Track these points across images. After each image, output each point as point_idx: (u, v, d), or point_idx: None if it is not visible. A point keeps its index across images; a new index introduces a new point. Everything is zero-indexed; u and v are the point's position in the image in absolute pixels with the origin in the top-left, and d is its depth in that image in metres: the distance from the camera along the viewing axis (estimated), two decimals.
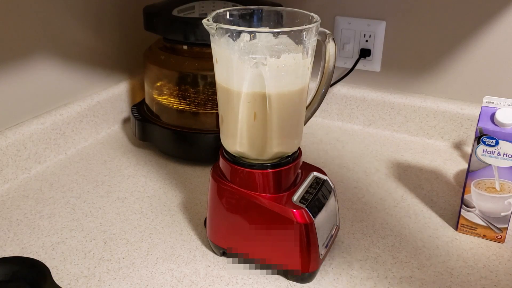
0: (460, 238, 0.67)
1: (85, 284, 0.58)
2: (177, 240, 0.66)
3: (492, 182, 0.63)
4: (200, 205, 0.74)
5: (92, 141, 0.93)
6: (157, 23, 0.82)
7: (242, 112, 0.54)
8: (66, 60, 0.88)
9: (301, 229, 0.55)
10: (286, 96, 0.54)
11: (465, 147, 0.92)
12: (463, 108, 0.91)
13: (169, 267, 0.61)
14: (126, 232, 0.68)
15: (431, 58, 0.93)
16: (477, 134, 0.62)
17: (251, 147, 0.56)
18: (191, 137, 0.83)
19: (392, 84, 0.99)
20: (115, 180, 0.80)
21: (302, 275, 0.58)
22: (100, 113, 0.95)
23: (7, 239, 0.66)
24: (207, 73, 0.83)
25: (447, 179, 0.82)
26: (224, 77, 0.55)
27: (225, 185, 0.58)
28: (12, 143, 0.77)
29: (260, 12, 0.59)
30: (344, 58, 1.00)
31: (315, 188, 0.60)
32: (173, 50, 0.85)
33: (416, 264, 0.62)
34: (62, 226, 0.69)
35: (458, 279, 0.59)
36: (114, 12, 0.97)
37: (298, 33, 0.52)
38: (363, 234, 0.68)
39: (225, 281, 0.59)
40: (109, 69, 0.99)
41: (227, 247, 0.61)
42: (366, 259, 0.63)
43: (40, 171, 0.82)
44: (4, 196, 0.75)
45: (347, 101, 1.00)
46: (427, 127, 0.95)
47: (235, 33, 0.52)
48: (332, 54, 0.59)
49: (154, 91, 0.89)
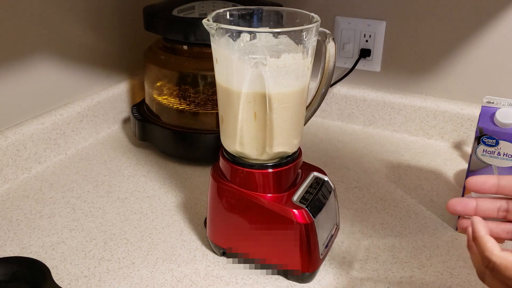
0: (460, 238, 0.67)
1: (85, 284, 0.58)
2: (177, 240, 0.66)
3: None
4: (200, 205, 0.74)
5: (92, 141, 0.93)
6: (157, 23, 0.82)
7: (242, 112, 0.54)
8: (66, 60, 0.88)
9: (301, 229, 0.55)
10: (286, 96, 0.54)
11: (465, 147, 0.92)
12: (463, 108, 0.91)
13: (169, 267, 0.61)
14: (126, 232, 0.68)
15: (431, 58, 0.93)
16: (477, 134, 0.62)
17: (251, 147, 0.56)
18: (191, 137, 0.83)
19: (392, 84, 0.99)
20: (115, 180, 0.80)
21: (302, 275, 0.58)
22: (100, 113, 0.95)
23: (7, 239, 0.66)
24: (207, 73, 0.83)
25: (447, 179, 0.82)
26: (224, 77, 0.55)
27: (225, 185, 0.58)
28: (12, 143, 0.77)
29: (260, 12, 0.59)
30: (344, 58, 1.00)
31: (315, 188, 0.60)
32: (173, 50, 0.85)
33: (416, 264, 0.62)
34: (62, 226, 0.69)
35: (458, 279, 0.59)
36: (114, 12, 0.97)
37: (298, 33, 0.52)
38: (363, 234, 0.68)
39: (225, 281, 0.59)
40: (109, 69, 0.99)
41: (227, 247, 0.61)
42: (366, 259, 0.63)
43: (40, 171, 0.82)
44: (4, 196, 0.75)
45: (347, 101, 1.00)
46: (427, 127, 0.95)
47: (235, 33, 0.52)
48: (332, 54, 0.59)
49: (154, 91, 0.89)
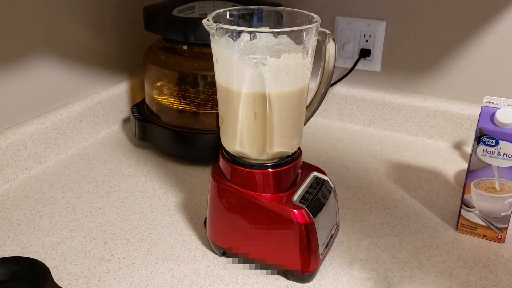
0: (460, 238, 0.67)
1: (85, 284, 0.58)
2: (177, 240, 0.66)
3: (492, 182, 0.63)
4: (200, 205, 0.74)
5: (92, 141, 0.93)
6: (157, 23, 0.82)
7: (242, 112, 0.54)
8: (66, 60, 0.88)
9: (301, 229, 0.55)
10: (286, 96, 0.54)
11: (465, 147, 0.92)
12: (463, 108, 0.91)
13: (169, 267, 0.61)
14: (126, 232, 0.68)
15: (431, 58, 0.93)
16: (477, 134, 0.62)
17: (251, 147, 0.56)
18: (191, 137, 0.83)
19: (392, 84, 0.99)
20: (115, 180, 0.80)
21: (302, 275, 0.58)
22: (100, 113, 0.95)
23: (7, 239, 0.66)
24: (207, 73, 0.83)
25: (447, 179, 0.82)
26: (224, 77, 0.55)
27: (225, 185, 0.58)
28: (12, 143, 0.77)
29: (260, 12, 0.59)
30: (344, 58, 1.00)
31: (315, 188, 0.60)
32: (173, 50, 0.85)
33: (416, 264, 0.62)
34: (62, 226, 0.69)
35: (458, 279, 0.59)
36: (114, 12, 0.97)
37: (298, 33, 0.52)
38: (363, 234, 0.68)
39: (225, 281, 0.59)
40: (109, 69, 0.99)
41: (227, 247, 0.61)
42: (366, 259, 0.63)
43: (40, 171, 0.82)
44: (4, 196, 0.75)
45: (347, 101, 1.00)
46: (427, 127, 0.95)
47: (235, 33, 0.52)
48: (332, 54, 0.59)
49: (154, 91, 0.89)
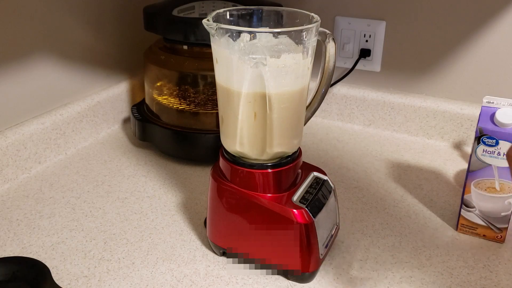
0: (460, 238, 0.67)
1: (85, 284, 0.58)
2: (177, 240, 0.66)
3: (492, 182, 0.63)
4: (200, 205, 0.74)
5: (92, 141, 0.93)
6: (157, 23, 0.82)
7: (242, 112, 0.54)
8: (66, 60, 0.88)
9: (301, 229, 0.55)
10: (286, 96, 0.54)
11: (465, 147, 0.92)
12: (463, 108, 0.91)
13: (169, 267, 0.61)
14: (126, 232, 0.68)
15: (431, 58, 0.93)
16: (477, 134, 0.62)
17: (251, 147, 0.56)
18: (191, 137, 0.83)
19: (392, 84, 0.99)
20: (115, 180, 0.80)
21: (302, 275, 0.58)
22: (100, 113, 0.95)
23: (7, 239, 0.66)
24: (207, 73, 0.83)
25: (447, 179, 0.82)
26: (224, 77, 0.55)
27: (225, 185, 0.58)
28: (12, 143, 0.77)
29: (260, 12, 0.59)
30: (344, 58, 1.00)
31: (315, 188, 0.60)
32: (173, 50, 0.85)
33: (416, 264, 0.62)
34: (62, 226, 0.69)
35: (458, 279, 0.59)
36: (114, 12, 0.97)
37: (298, 33, 0.52)
38: (363, 234, 0.68)
39: (225, 281, 0.59)
40: (109, 69, 0.99)
41: (227, 247, 0.61)
42: (366, 259, 0.63)
43: (40, 171, 0.82)
44: (4, 196, 0.75)
45: (347, 101, 1.00)
46: (427, 127, 0.95)
47: (235, 33, 0.52)
48: (332, 54, 0.59)
49: (154, 91, 0.89)
